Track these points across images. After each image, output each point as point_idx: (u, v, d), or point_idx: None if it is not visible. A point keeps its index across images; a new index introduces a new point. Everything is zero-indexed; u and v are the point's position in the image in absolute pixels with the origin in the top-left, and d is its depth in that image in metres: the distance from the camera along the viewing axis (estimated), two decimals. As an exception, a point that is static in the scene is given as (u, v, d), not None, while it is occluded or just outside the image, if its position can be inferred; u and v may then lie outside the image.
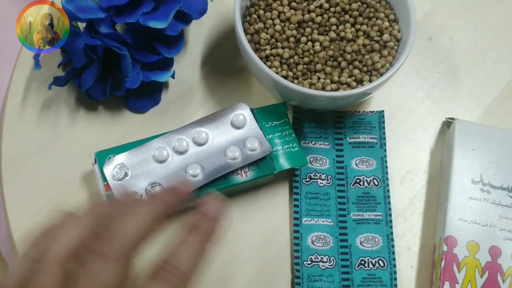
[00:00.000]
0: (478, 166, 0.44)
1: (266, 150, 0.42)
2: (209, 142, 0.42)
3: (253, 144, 0.42)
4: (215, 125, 0.43)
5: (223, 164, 0.41)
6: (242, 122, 0.43)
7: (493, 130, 0.46)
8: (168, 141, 0.42)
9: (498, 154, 0.44)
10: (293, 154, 0.43)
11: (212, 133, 0.42)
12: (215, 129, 0.43)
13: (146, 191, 0.40)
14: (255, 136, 0.42)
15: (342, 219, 0.44)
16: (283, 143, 0.43)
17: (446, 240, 0.41)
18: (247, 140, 0.42)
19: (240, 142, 0.42)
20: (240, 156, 0.41)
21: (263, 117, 0.44)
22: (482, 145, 0.44)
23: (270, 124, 0.44)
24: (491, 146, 0.45)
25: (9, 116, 0.46)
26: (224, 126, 0.43)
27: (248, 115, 0.43)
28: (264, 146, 0.42)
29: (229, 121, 0.43)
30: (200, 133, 0.42)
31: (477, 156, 0.44)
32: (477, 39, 0.52)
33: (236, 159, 0.41)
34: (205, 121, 0.43)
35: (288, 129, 0.44)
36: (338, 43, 0.45)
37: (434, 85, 0.50)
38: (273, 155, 0.43)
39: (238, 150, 0.41)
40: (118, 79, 0.45)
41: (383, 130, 0.47)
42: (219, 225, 0.30)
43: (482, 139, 0.45)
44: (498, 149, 0.44)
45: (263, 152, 0.42)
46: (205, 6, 0.45)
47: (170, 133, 0.42)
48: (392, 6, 0.46)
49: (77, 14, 0.41)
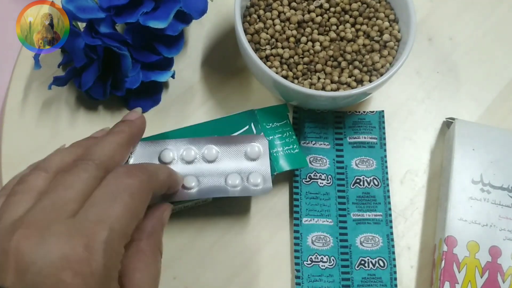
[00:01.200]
0: (478, 166, 0.44)
1: (267, 189, 0.40)
2: (216, 162, 0.41)
3: (256, 180, 0.40)
4: (228, 148, 0.41)
5: (221, 187, 0.40)
6: (256, 155, 0.41)
7: (493, 130, 0.46)
8: (177, 146, 0.41)
9: (498, 154, 0.44)
10: (293, 156, 0.43)
11: (222, 154, 0.41)
12: (226, 152, 0.41)
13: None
14: (261, 173, 0.41)
15: (342, 219, 0.44)
16: (284, 145, 0.43)
17: (446, 240, 0.41)
18: (252, 174, 0.41)
19: (244, 173, 0.41)
20: (239, 186, 0.40)
21: (264, 118, 0.44)
22: (482, 145, 0.44)
23: (271, 126, 0.44)
24: (491, 146, 0.45)
25: (9, 116, 0.46)
26: (237, 152, 0.41)
27: (264, 150, 0.42)
28: (267, 184, 0.40)
29: (243, 149, 0.41)
30: (211, 149, 0.41)
31: (477, 156, 0.44)
32: (477, 39, 0.52)
33: (235, 187, 0.40)
34: (220, 141, 0.42)
35: (289, 130, 0.44)
36: (338, 43, 0.45)
37: (434, 85, 0.50)
38: (273, 156, 0.43)
39: (239, 180, 0.40)
40: (118, 79, 0.45)
41: (383, 130, 0.47)
42: (134, 126, 0.36)
43: (482, 139, 0.45)
44: (498, 149, 0.45)
45: (263, 191, 0.40)
46: (205, 6, 0.45)
47: (182, 140, 0.41)
48: (392, 6, 0.46)
49: (77, 14, 0.41)
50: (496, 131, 0.46)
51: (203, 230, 0.44)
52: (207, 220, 0.44)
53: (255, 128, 0.43)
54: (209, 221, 0.44)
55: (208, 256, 0.43)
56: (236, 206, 0.44)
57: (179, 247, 0.43)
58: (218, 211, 0.44)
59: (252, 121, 0.44)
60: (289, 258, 0.43)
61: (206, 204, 0.43)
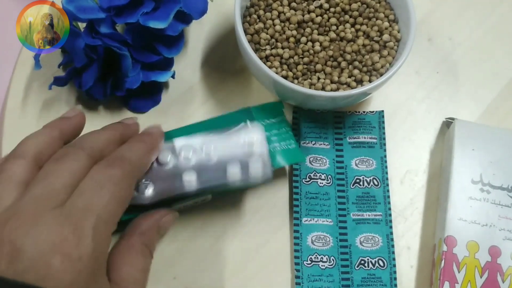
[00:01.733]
0: (477, 166, 0.44)
1: (267, 178, 0.40)
2: (214, 154, 0.41)
3: (256, 169, 0.40)
4: (226, 139, 0.41)
5: (221, 178, 0.40)
6: (253, 144, 0.41)
7: (493, 130, 0.46)
8: (174, 144, 0.41)
9: (498, 154, 0.44)
10: (290, 151, 0.43)
11: (219, 146, 0.41)
12: (224, 143, 0.41)
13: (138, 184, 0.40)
14: (261, 162, 0.40)
15: (342, 219, 0.44)
16: (280, 140, 0.43)
17: (446, 240, 0.41)
18: (251, 163, 0.40)
19: (244, 163, 0.40)
20: (240, 176, 0.40)
21: (260, 115, 0.44)
22: (482, 145, 0.44)
23: (267, 122, 0.44)
24: (491, 146, 0.45)
25: (10, 116, 0.46)
26: (234, 143, 0.41)
27: (261, 138, 0.41)
28: (267, 173, 0.40)
29: (240, 139, 0.41)
30: (208, 143, 0.41)
31: (477, 156, 0.44)
32: (477, 39, 0.52)
33: (235, 178, 0.40)
34: (217, 134, 0.42)
35: (285, 126, 0.44)
36: (338, 43, 0.45)
37: (434, 85, 0.50)
38: (271, 152, 0.43)
39: (239, 170, 0.40)
40: (118, 79, 0.45)
41: (383, 130, 0.47)
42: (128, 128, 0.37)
43: (482, 139, 0.45)
44: (498, 149, 0.45)
45: (264, 179, 0.40)
46: (205, 6, 0.45)
47: (178, 138, 0.41)
48: (392, 6, 0.46)
49: (78, 14, 0.41)
50: (496, 131, 0.46)
51: (203, 230, 0.44)
52: (207, 220, 0.44)
53: (251, 125, 0.43)
54: (208, 221, 0.44)
55: (208, 256, 0.43)
56: (236, 206, 0.44)
57: (179, 247, 0.43)
58: (218, 211, 0.44)
59: (248, 118, 0.44)
60: (289, 258, 0.43)
61: (205, 203, 0.43)
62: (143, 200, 0.39)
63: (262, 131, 0.42)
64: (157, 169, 0.41)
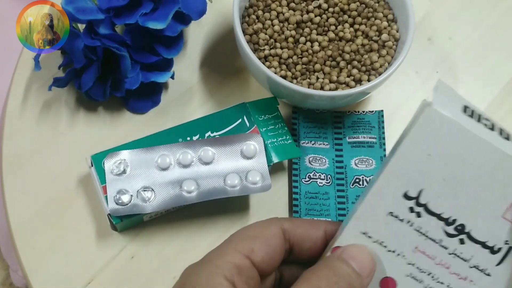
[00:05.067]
0: (423, 178, 0.30)
1: (266, 186, 0.41)
2: (213, 163, 0.42)
3: (254, 178, 0.41)
4: (224, 148, 0.42)
5: (220, 188, 0.41)
6: (252, 153, 0.42)
7: (473, 137, 0.29)
8: (174, 151, 0.41)
9: (460, 171, 0.29)
10: (286, 147, 0.43)
11: (218, 155, 0.42)
12: (223, 152, 0.42)
13: (137, 193, 0.40)
14: (259, 170, 0.41)
15: (342, 219, 0.44)
16: (276, 136, 0.44)
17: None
18: (250, 172, 0.41)
19: (242, 172, 0.41)
20: (239, 185, 0.41)
21: (256, 110, 0.44)
22: (444, 153, 0.29)
23: (263, 118, 0.44)
24: (456, 158, 0.29)
25: (10, 117, 0.46)
26: (233, 152, 0.42)
27: (259, 148, 0.42)
28: (266, 181, 0.41)
29: (239, 148, 0.42)
30: (207, 151, 0.42)
31: (429, 166, 0.30)
32: (477, 39, 0.52)
33: (234, 187, 0.41)
34: (216, 142, 0.42)
35: (280, 122, 0.44)
36: (337, 43, 0.45)
37: (433, 85, 0.50)
38: (267, 147, 0.43)
39: (238, 179, 0.41)
40: (117, 80, 0.45)
41: (382, 130, 0.47)
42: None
43: (448, 145, 0.29)
44: (464, 166, 0.29)
45: (263, 188, 0.41)
46: (204, 7, 0.45)
47: (177, 144, 0.42)
48: (391, 6, 0.46)
49: (77, 15, 0.42)
50: (475, 140, 0.29)
51: (203, 230, 0.44)
52: (207, 219, 0.44)
53: (248, 121, 0.44)
54: (208, 221, 0.44)
55: None
56: (235, 205, 0.44)
57: (179, 247, 0.43)
58: (218, 211, 0.44)
59: (244, 114, 0.44)
60: (289, 258, 0.43)
61: (205, 203, 0.43)
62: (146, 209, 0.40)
63: (261, 141, 0.42)
64: (158, 175, 0.41)
